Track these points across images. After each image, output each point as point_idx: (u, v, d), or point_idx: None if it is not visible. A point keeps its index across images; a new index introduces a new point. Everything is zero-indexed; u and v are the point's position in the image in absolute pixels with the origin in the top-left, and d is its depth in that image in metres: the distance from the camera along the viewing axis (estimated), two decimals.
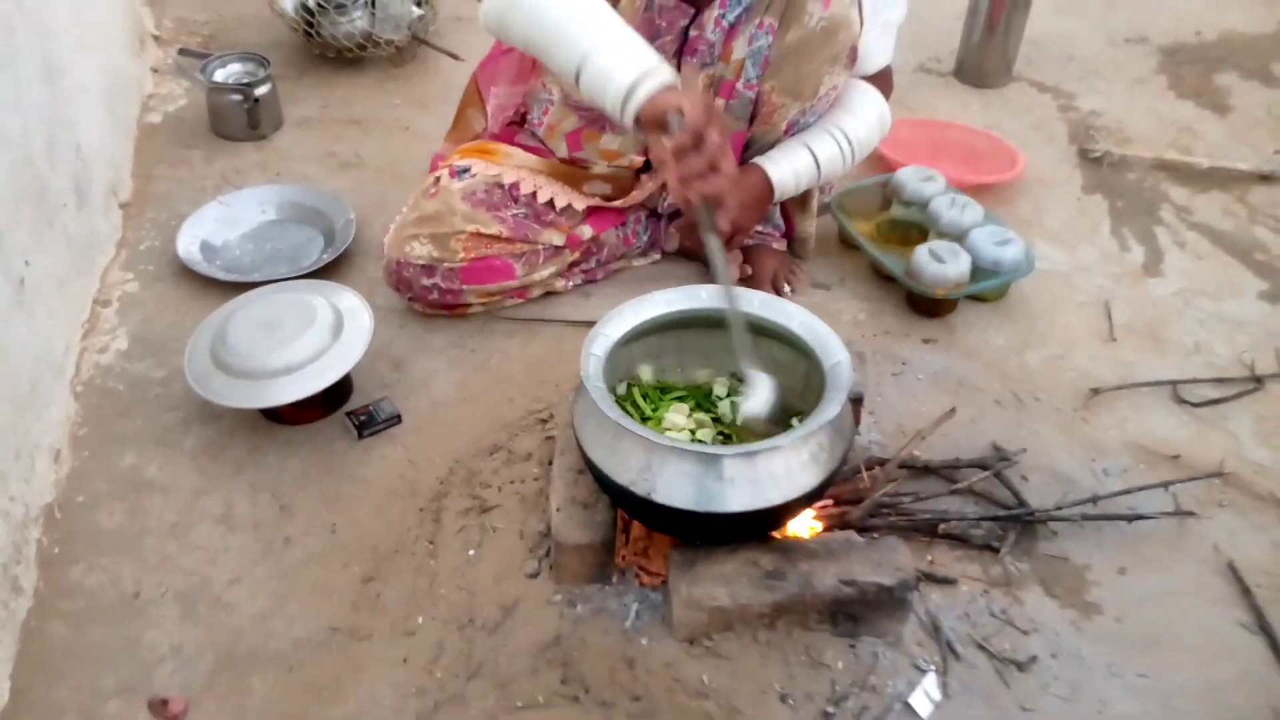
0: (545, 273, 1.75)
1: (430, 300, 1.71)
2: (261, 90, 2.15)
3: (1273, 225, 2.01)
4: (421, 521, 1.43)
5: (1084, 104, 2.36)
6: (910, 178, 1.88)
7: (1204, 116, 2.33)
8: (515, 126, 1.80)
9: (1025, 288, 1.83)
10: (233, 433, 1.55)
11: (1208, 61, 2.55)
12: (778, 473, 1.13)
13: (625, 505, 1.22)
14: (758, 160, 1.64)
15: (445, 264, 1.67)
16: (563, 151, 1.73)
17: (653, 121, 1.25)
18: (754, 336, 1.26)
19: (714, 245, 1.22)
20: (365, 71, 2.39)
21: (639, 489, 1.13)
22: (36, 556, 1.36)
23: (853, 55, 1.59)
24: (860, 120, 1.66)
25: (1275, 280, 1.88)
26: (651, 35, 1.56)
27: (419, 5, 2.38)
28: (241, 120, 2.16)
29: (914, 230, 1.85)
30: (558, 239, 1.73)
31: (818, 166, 1.64)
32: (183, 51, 2.25)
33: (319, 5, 2.28)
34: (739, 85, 1.61)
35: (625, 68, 1.28)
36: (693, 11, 1.57)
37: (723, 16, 1.57)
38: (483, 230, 1.67)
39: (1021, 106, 2.34)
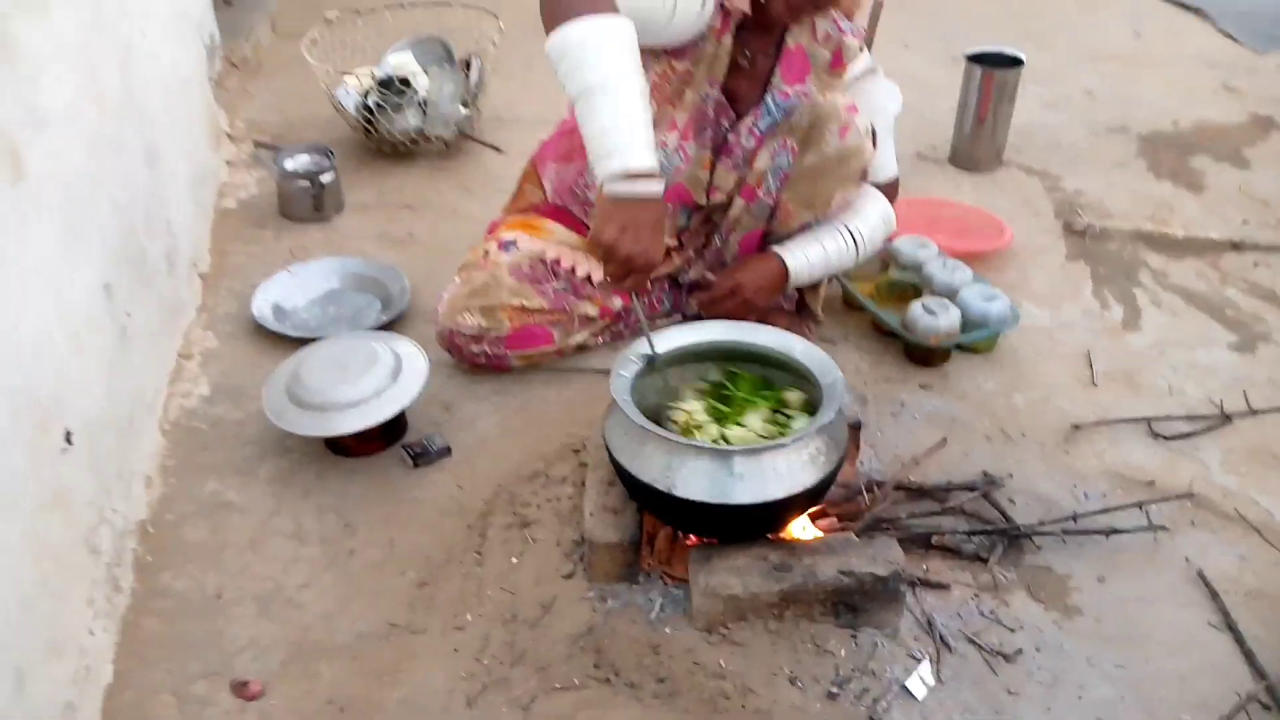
0: (579, 337, 1.96)
1: (478, 363, 1.91)
2: (326, 178, 2.42)
3: (1242, 286, 2.20)
4: (469, 536, 1.61)
5: (1068, 185, 2.58)
6: (906, 245, 2.10)
7: (1180, 194, 2.55)
8: (570, 199, 1.98)
9: (1013, 341, 2.02)
10: (302, 463, 1.75)
11: (1183, 147, 2.78)
12: (780, 470, 1.31)
13: (649, 503, 1.40)
14: (776, 248, 1.82)
15: (492, 332, 1.87)
16: None
17: (606, 198, 1.36)
18: (763, 367, 1.46)
19: (635, 306, 1.47)
20: (417, 163, 2.67)
21: (661, 485, 1.31)
22: (133, 563, 1.55)
23: (863, 175, 1.81)
24: (868, 222, 1.84)
25: (1244, 333, 2.06)
26: (700, 125, 1.78)
27: (465, 106, 2.67)
28: (308, 204, 2.43)
29: (910, 290, 2.06)
30: (591, 310, 1.94)
31: (828, 260, 1.82)
32: (258, 144, 2.54)
33: (378, 105, 2.57)
34: (760, 192, 1.82)
35: (609, 152, 1.37)
36: (734, 116, 1.81)
37: (755, 125, 1.80)
38: (526, 304, 1.87)
39: (1011, 187, 2.56)
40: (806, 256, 1.81)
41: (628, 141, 1.36)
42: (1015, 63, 2.58)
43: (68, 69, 1.61)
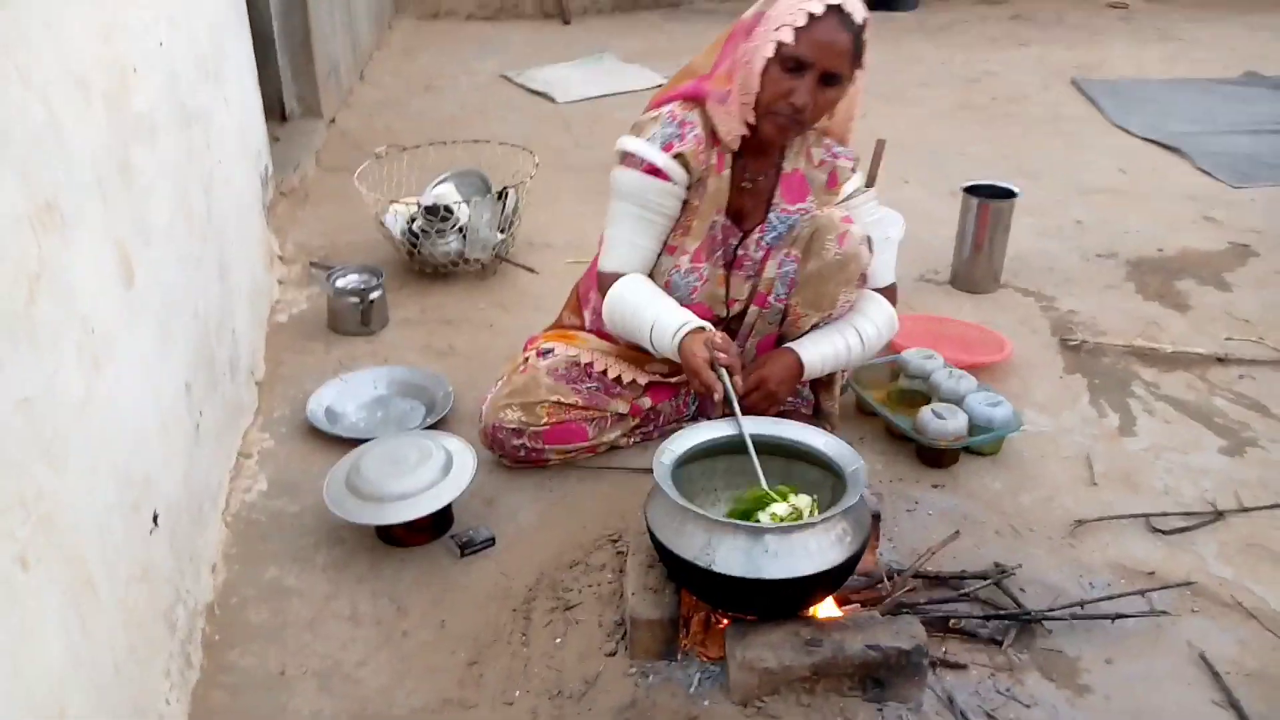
0: (612, 435, 2.11)
1: (518, 457, 2.06)
2: (374, 294, 2.61)
3: (1229, 396, 2.35)
4: (515, 619, 1.71)
5: (1063, 305, 2.77)
6: (914, 356, 2.26)
7: (1167, 314, 2.73)
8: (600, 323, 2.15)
9: (1017, 444, 2.16)
10: (356, 553, 1.87)
11: (1169, 271, 2.98)
12: (810, 549, 1.43)
13: (689, 580, 1.52)
14: (791, 344, 1.98)
15: (531, 428, 2.03)
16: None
17: (686, 350, 1.80)
18: (790, 459, 1.61)
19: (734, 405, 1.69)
20: (457, 282, 2.87)
21: (701, 562, 1.44)
22: (202, 641, 1.65)
23: (863, 279, 1.98)
24: (873, 322, 2.02)
25: (1233, 439, 2.20)
26: (711, 249, 1.98)
27: (502, 232, 2.89)
28: (356, 319, 2.61)
29: (919, 398, 2.21)
30: (623, 408, 2.10)
31: (838, 353, 1.98)
32: (313, 264, 2.75)
33: (423, 231, 2.79)
34: (770, 298, 2.00)
35: (672, 325, 1.84)
36: (740, 234, 2.01)
37: (762, 239, 2.00)
38: (563, 400, 2.04)
39: (1009, 307, 2.75)
40: (819, 350, 1.96)
41: (674, 317, 1.86)
42: (1009, 194, 2.80)
43: (169, 191, 1.81)
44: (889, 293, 2.09)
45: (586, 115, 4.46)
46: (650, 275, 1.99)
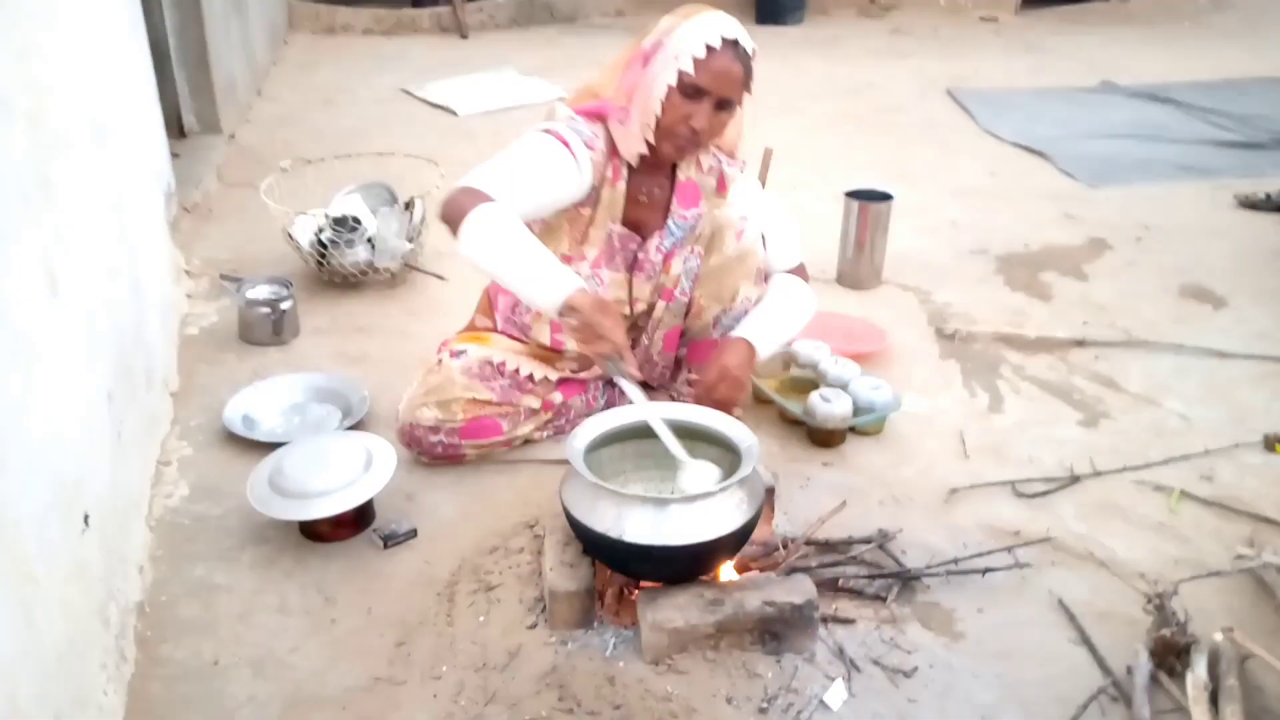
0: (526, 429, 2.22)
1: (436, 454, 2.15)
2: (286, 305, 2.67)
3: (1086, 375, 2.60)
4: (439, 601, 1.82)
5: (939, 298, 3.00)
6: (803, 346, 2.44)
7: (1032, 303, 2.99)
8: (510, 326, 2.26)
9: (898, 424, 2.35)
10: (281, 550, 1.94)
11: (1034, 265, 3.25)
12: (710, 516, 1.58)
13: (602, 552, 1.65)
14: (738, 332, 2.03)
15: (448, 424, 2.13)
16: (544, 337, 2.22)
17: (567, 310, 1.74)
18: (690, 439, 1.75)
19: (623, 384, 1.75)
20: (366, 291, 2.95)
21: (613, 534, 1.57)
22: (135, 637, 1.71)
23: (760, 274, 2.15)
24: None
25: (1089, 413, 2.44)
26: (610, 254, 2.11)
27: (410, 241, 2.98)
28: (268, 329, 2.67)
29: (809, 384, 2.39)
30: (535, 403, 2.22)
31: (780, 331, 2.09)
32: (224, 276, 2.79)
33: (331, 241, 2.86)
34: (676, 293, 2.15)
35: (553, 278, 1.77)
36: (639, 239, 2.14)
37: (660, 244, 2.14)
38: (477, 397, 2.14)
39: (889, 301, 2.96)
40: (764, 333, 2.05)
41: (553, 276, 1.77)
42: (886, 198, 3.02)
43: (85, 206, 1.86)
44: (800, 272, 2.21)
45: (488, 127, 4.57)
46: None
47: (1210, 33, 6.97)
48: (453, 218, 1.82)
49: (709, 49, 1.88)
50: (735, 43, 1.91)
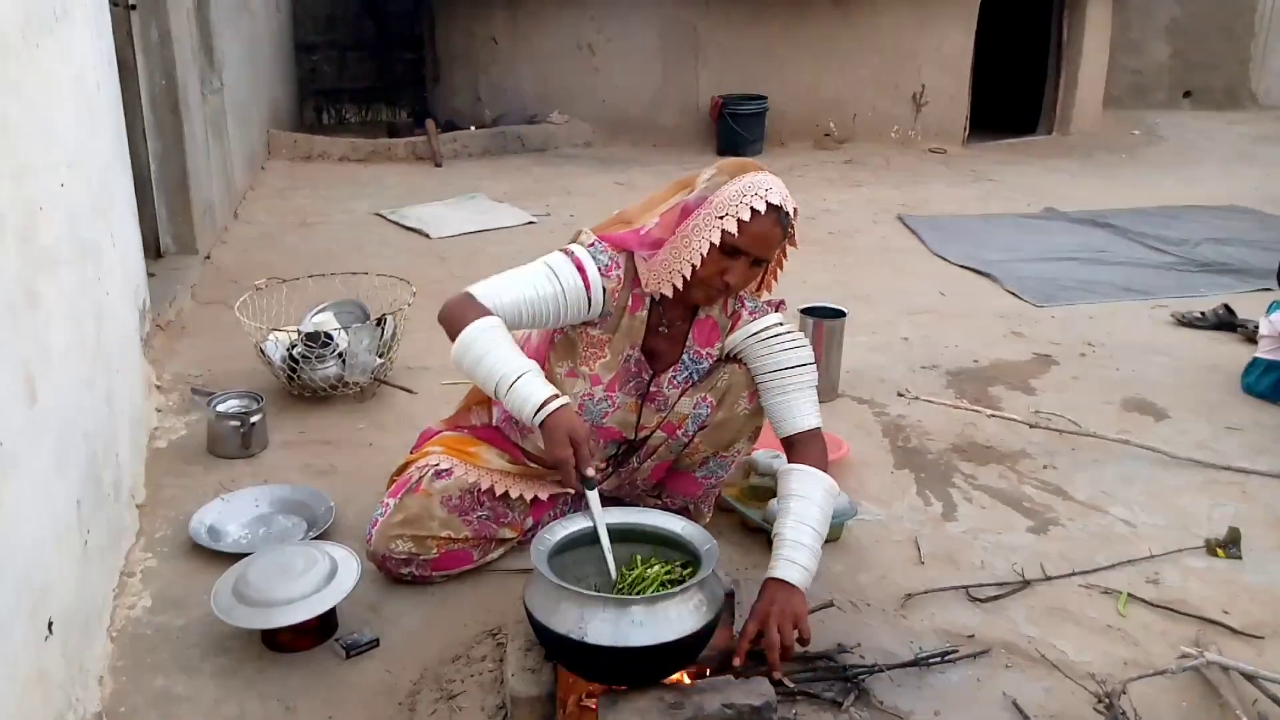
0: (495, 555, 2.24)
1: (403, 580, 2.16)
2: (255, 418, 2.72)
3: (1035, 484, 2.69)
4: (401, 711, 1.82)
5: (893, 411, 3.11)
6: (763, 456, 2.51)
7: (982, 416, 3.09)
8: (509, 426, 2.28)
9: (855, 531, 2.41)
10: (243, 660, 1.94)
11: (984, 379, 3.38)
12: (671, 617, 1.62)
13: (564, 655, 1.67)
14: (782, 576, 1.88)
15: (420, 557, 2.14)
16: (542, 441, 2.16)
17: (547, 428, 1.82)
18: (651, 544, 1.81)
19: (589, 499, 1.81)
20: (336, 405, 3.00)
21: (575, 635, 1.60)
22: None
23: (756, 434, 2.23)
24: (825, 508, 2.00)
25: (1039, 519, 2.52)
26: (625, 379, 2.15)
27: (380, 356, 3.05)
28: (236, 442, 2.71)
29: (768, 492, 2.45)
30: (510, 534, 2.23)
31: (815, 555, 1.94)
32: (195, 390, 2.84)
33: (303, 356, 2.93)
34: (679, 432, 2.19)
35: (538, 393, 1.84)
36: (653, 371, 2.18)
37: (674, 377, 2.19)
38: (453, 535, 2.15)
39: (845, 413, 3.06)
40: (803, 566, 1.92)
41: (532, 392, 1.85)
42: (840, 314, 3.16)
43: (66, 319, 1.93)
44: (817, 441, 2.09)
45: (461, 249, 4.72)
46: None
47: (1145, 164, 7.38)
48: (450, 324, 1.93)
49: (754, 213, 1.91)
50: (779, 208, 1.94)
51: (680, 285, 2.01)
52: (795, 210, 2.00)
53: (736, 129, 7.10)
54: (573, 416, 1.86)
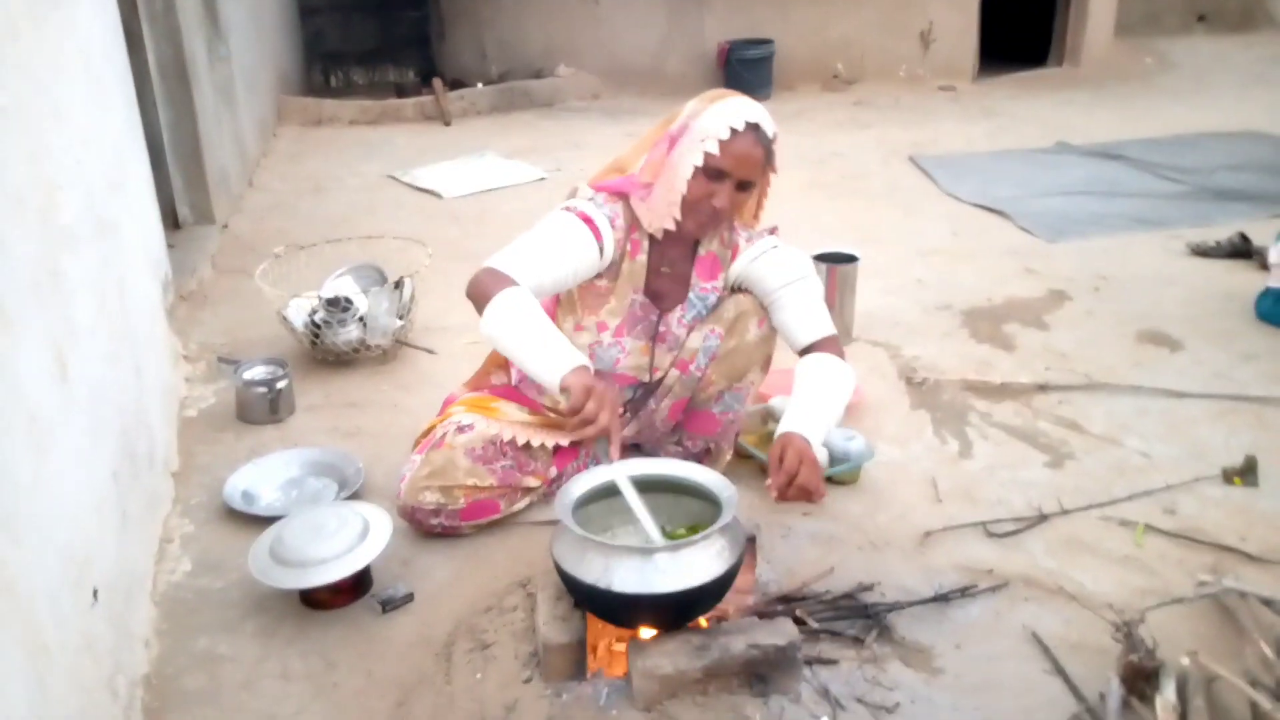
0: (522, 504, 2.29)
1: (434, 532, 2.22)
2: (281, 384, 2.76)
3: (1050, 419, 2.71)
4: (437, 661, 1.88)
5: (907, 352, 3.12)
6: (781, 403, 2.55)
7: (996, 353, 3.11)
8: (527, 385, 2.34)
9: (873, 473, 2.45)
10: (282, 619, 2.01)
11: (997, 317, 3.38)
12: (694, 563, 1.66)
13: (592, 604, 1.72)
14: (790, 425, 1.96)
15: (449, 507, 2.19)
16: (553, 398, 2.27)
17: (563, 389, 1.83)
18: (672, 493, 1.85)
19: (618, 479, 1.81)
20: (359, 369, 3.04)
21: (602, 584, 1.65)
22: (142, 709, 1.77)
23: (767, 362, 2.27)
24: (836, 376, 2.09)
25: (1053, 454, 2.54)
26: (632, 323, 2.20)
27: (400, 318, 3.09)
28: (264, 408, 2.76)
29: None
30: (534, 482, 2.28)
31: (829, 410, 2.02)
32: (221, 359, 2.89)
33: (324, 321, 2.97)
34: (692, 367, 2.23)
35: (557, 357, 1.86)
36: (659, 311, 2.23)
37: (683, 317, 2.24)
38: (479, 483, 2.20)
39: (861, 357, 3.08)
40: (813, 421, 1.98)
41: (556, 356, 1.86)
42: (852, 259, 3.17)
43: (90, 295, 1.97)
44: (833, 343, 2.16)
45: (473, 209, 4.73)
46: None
47: (1157, 92, 7.27)
48: (478, 299, 1.96)
49: (733, 131, 1.99)
50: (757, 126, 2.03)
51: (678, 216, 2.07)
52: (775, 134, 2.07)
53: (744, 74, 7.02)
54: (589, 386, 1.81)
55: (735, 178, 2.03)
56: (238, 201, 4.72)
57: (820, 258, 3.18)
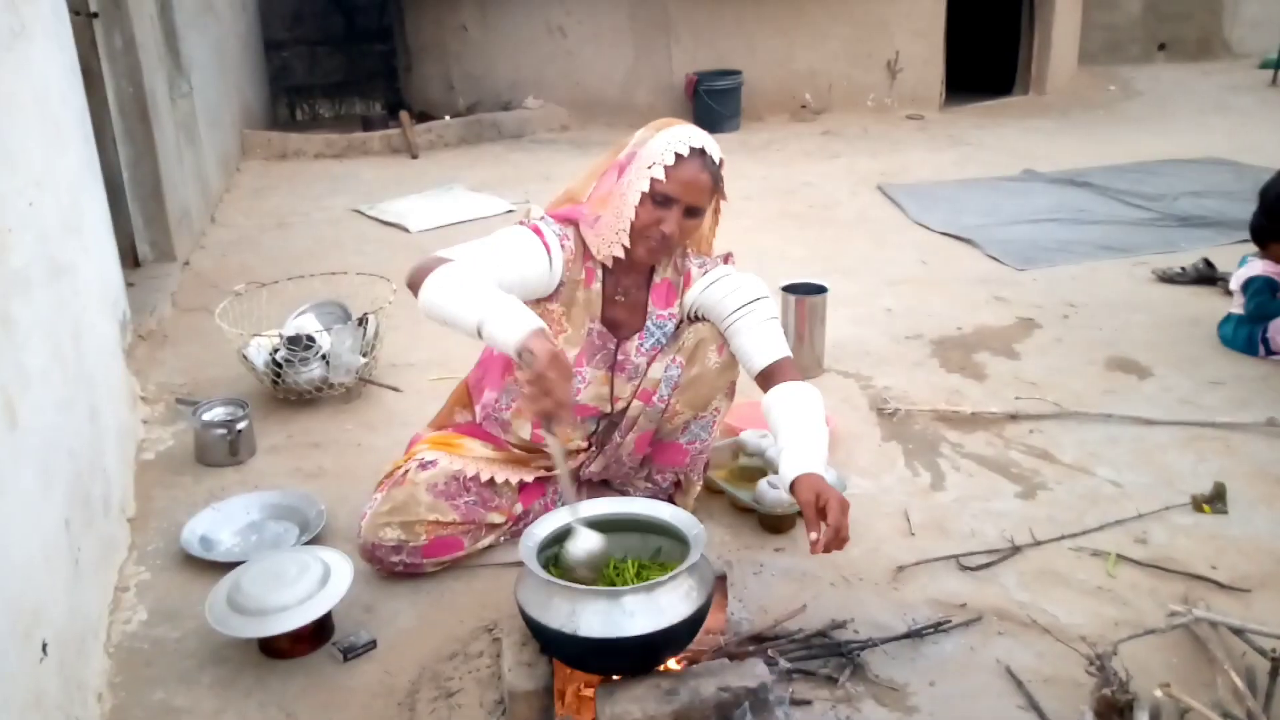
0: (486, 542, 2.25)
1: (395, 571, 2.17)
2: (241, 425, 2.71)
3: (1021, 449, 2.70)
4: (400, 711, 1.83)
5: (878, 382, 3.12)
6: (751, 436, 2.53)
7: (967, 382, 3.11)
8: (491, 423, 2.29)
9: None
10: (241, 670, 1.95)
11: (967, 346, 3.39)
12: (662, 605, 1.63)
13: (558, 649, 1.68)
14: (799, 467, 1.92)
15: (410, 544, 2.15)
16: (525, 432, 2.24)
17: (525, 351, 1.72)
18: (639, 531, 1.82)
19: (552, 444, 1.76)
20: (322, 407, 2.99)
21: (567, 629, 1.61)
22: None
23: (731, 389, 2.24)
24: (813, 407, 2.06)
25: (1026, 485, 2.54)
26: (591, 353, 2.17)
27: (364, 355, 3.05)
28: (224, 450, 2.70)
29: (757, 472, 2.46)
30: (498, 519, 2.24)
31: (820, 442, 2.00)
32: (179, 400, 2.83)
33: (286, 360, 2.92)
34: (655, 398, 2.20)
35: (514, 319, 1.76)
36: (616, 341, 2.20)
37: (642, 345, 2.22)
38: (441, 519, 2.16)
39: (832, 388, 3.07)
40: (816, 458, 1.96)
41: (515, 316, 1.76)
42: (821, 290, 3.16)
43: (43, 340, 1.92)
44: (790, 366, 2.12)
45: (441, 242, 4.64)
46: None
47: (1121, 119, 7.39)
48: (416, 279, 1.88)
49: (678, 157, 1.99)
50: (703, 151, 2.03)
51: (627, 244, 2.07)
52: (721, 160, 2.07)
53: (712, 105, 7.07)
54: (555, 353, 1.72)
55: (683, 203, 2.03)
56: (200, 238, 4.67)
57: (789, 289, 3.18)
